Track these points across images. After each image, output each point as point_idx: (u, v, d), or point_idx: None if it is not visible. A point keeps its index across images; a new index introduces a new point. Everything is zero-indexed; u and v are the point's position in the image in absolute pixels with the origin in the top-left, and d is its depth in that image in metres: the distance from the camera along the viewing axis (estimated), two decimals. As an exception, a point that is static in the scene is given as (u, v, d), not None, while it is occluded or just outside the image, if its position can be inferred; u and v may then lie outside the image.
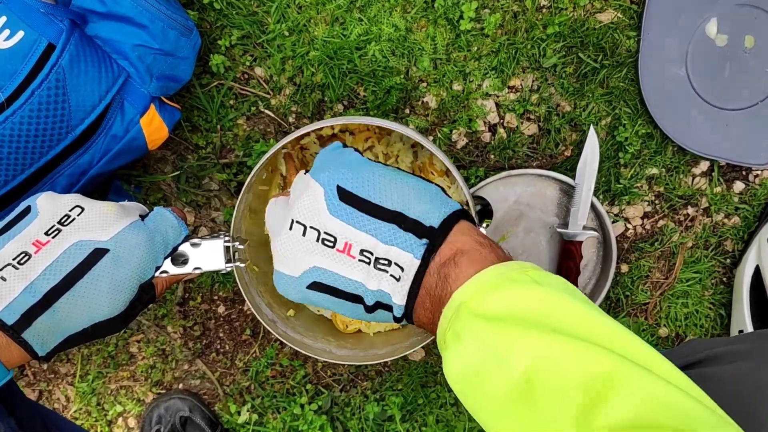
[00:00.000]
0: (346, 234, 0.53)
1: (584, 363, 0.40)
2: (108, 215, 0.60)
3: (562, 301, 0.45)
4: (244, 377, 1.12)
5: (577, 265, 1.01)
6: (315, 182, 0.55)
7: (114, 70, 0.79)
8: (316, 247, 0.53)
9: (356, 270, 0.52)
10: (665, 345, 1.10)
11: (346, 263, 0.53)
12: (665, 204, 1.06)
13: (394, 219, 0.52)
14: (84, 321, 0.58)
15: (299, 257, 0.54)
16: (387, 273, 0.52)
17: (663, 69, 0.99)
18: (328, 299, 0.55)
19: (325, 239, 0.53)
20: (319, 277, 0.54)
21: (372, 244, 0.52)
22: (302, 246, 0.54)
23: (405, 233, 0.52)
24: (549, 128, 1.03)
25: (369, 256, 0.52)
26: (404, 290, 0.52)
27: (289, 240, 0.54)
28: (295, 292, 0.56)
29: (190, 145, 1.03)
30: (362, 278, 0.52)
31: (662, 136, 1.03)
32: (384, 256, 0.52)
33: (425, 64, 0.99)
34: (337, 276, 0.53)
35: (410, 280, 0.52)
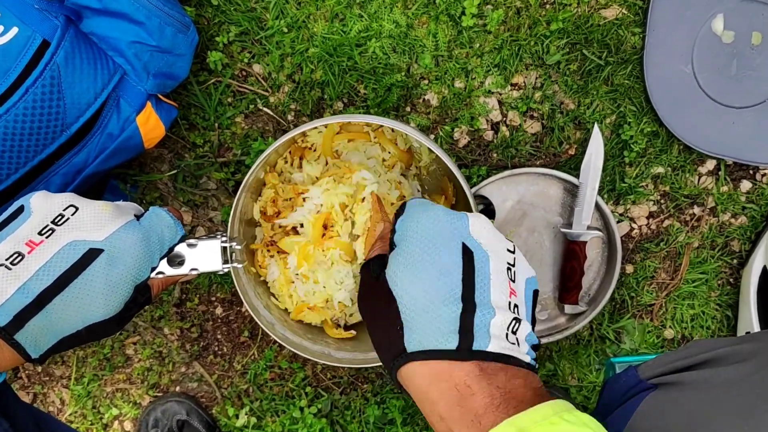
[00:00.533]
0: (520, 294, 0.53)
1: None
2: (102, 215, 0.60)
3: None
4: (242, 380, 1.12)
5: (581, 265, 1.01)
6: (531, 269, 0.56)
7: (110, 67, 0.79)
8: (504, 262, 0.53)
9: (501, 297, 0.51)
10: (671, 347, 1.10)
11: (501, 288, 0.51)
12: (671, 203, 1.06)
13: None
14: (78, 322, 0.57)
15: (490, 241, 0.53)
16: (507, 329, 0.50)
17: (669, 66, 0.99)
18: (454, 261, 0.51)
19: (511, 270, 0.53)
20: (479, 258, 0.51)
21: (523, 316, 0.52)
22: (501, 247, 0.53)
23: (531, 348, 0.52)
24: (552, 126, 1.03)
25: (517, 313, 0.51)
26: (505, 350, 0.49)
27: (500, 236, 0.54)
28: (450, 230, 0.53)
29: (187, 143, 1.03)
30: (496, 302, 0.50)
31: (668, 135, 1.03)
32: (520, 327, 0.51)
33: (427, 61, 0.99)
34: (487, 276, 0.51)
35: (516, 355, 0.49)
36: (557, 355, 1.09)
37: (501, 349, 0.48)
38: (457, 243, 0.52)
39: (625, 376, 0.62)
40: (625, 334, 1.09)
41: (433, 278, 0.50)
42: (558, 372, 1.09)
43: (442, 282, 0.50)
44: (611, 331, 1.09)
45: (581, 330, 1.08)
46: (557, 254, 1.04)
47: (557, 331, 1.05)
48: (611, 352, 1.09)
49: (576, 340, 1.09)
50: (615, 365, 1.04)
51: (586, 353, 1.09)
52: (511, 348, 0.49)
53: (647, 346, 1.09)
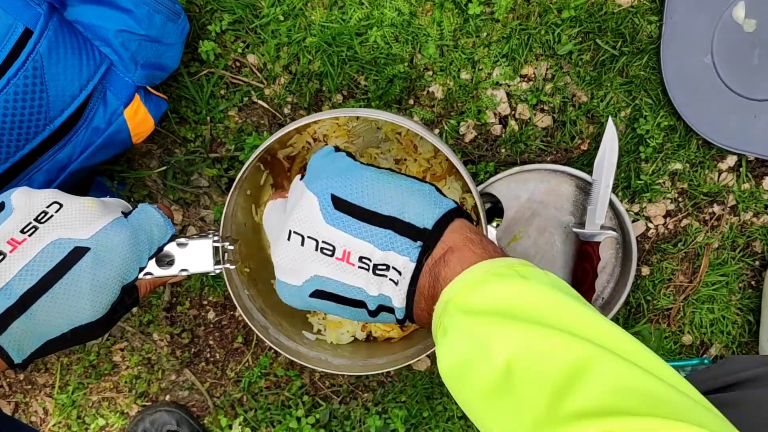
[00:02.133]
0: (344, 242, 0.56)
1: (562, 352, 0.44)
2: (88, 212, 0.60)
3: (546, 294, 0.48)
4: (235, 388, 1.12)
5: (594, 267, 1.01)
6: (309, 192, 0.58)
7: (96, 57, 0.79)
8: (316, 256, 0.57)
9: (357, 277, 0.56)
10: (689, 353, 1.10)
11: (346, 271, 0.57)
12: (689, 202, 1.06)
13: (390, 224, 0.56)
14: (63, 325, 0.57)
15: (299, 266, 0.58)
16: (386, 277, 0.56)
17: (687, 56, 0.99)
18: (331, 306, 0.59)
19: (323, 248, 0.57)
20: (321, 285, 0.58)
21: (369, 251, 0.56)
22: (301, 255, 0.58)
23: (400, 237, 0.56)
24: (564, 120, 1.03)
25: (368, 262, 0.56)
26: (402, 293, 0.56)
27: (288, 249, 0.58)
28: (298, 301, 0.60)
29: (177, 138, 1.03)
30: (363, 284, 0.56)
31: (686, 129, 1.03)
32: (382, 262, 0.56)
33: (431, 51, 0.99)
34: (338, 283, 0.57)
35: (408, 283, 0.55)
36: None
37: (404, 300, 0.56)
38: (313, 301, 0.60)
39: None
40: (640, 340, 1.09)
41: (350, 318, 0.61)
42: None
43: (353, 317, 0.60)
44: (626, 337, 1.09)
45: (594, 336, 1.08)
46: (569, 255, 1.04)
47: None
48: (626, 359, 1.09)
49: (589, 347, 1.09)
50: (630, 373, 1.04)
51: (600, 360, 1.09)
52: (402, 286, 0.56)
53: (664, 352, 1.09)
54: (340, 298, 0.58)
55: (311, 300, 0.59)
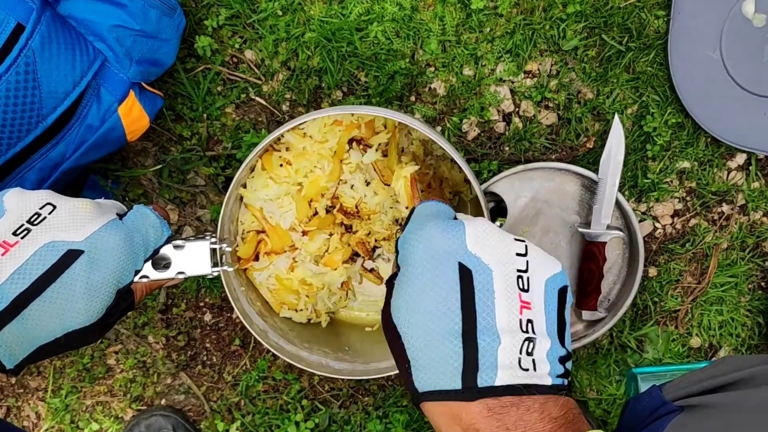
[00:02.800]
0: (537, 302, 0.51)
1: None
2: (82, 213, 0.60)
3: None
4: (233, 392, 1.12)
5: (600, 268, 1.00)
6: (558, 262, 0.54)
7: (89, 53, 0.79)
8: (512, 270, 0.51)
9: (509, 316, 0.49)
10: (697, 356, 1.10)
11: (510, 304, 0.49)
12: (697, 201, 1.06)
13: (564, 349, 0.52)
14: (56, 330, 0.57)
15: (492, 251, 0.51)
16: (519, 354, 0.48)
17: (695, 52, 0.99)
18: (450, 288, 0.50)
19: (522, 278, 0.51)
20: (479, 275, 0.50)
21: (541, 332, 0.50)
22: (507, 254, 0.52)
23: (559, 363, 0.50)
24: (569, 117, 1.03)
25: (530, 330, 0.49)
26: (517, 379, 0.48)
27: (507, 240, 0.53)
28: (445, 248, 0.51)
29: (173, 136, 1.03)
30: (502, 326, 0.49)
31: (694, 126, 1.02)
32: (536, 347, 0.49)
33: (433, 46, 0.99)
34: (491, 296, 0.50)
35: (530, 381, 0.48)
36: (574, 365, 1.09)
37: (512, 380, 0.47)
38: (452, 264, 0.50)
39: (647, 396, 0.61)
40: (647, 343, 1.09)
41: (430, 311, 0.49)
42: (575, 383, 1.09)
43: (440, 314, 0.49)
44: (633, 340, 1.09)
45: (600, 338, 1.08)
46: (574, 256, 1.04)
47: (574, 339, 1.04)
48: (633, 362, 1.09)
49: (594, 349, 1.09)
50: (637, 376, 1.04)
51: (606, 363, 1.09)
52: (525, 376, 0.47)
53: (672, 355, 1.09)
54: (469, 299, 0.49)
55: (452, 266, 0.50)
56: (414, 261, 0.51)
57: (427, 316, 0.49)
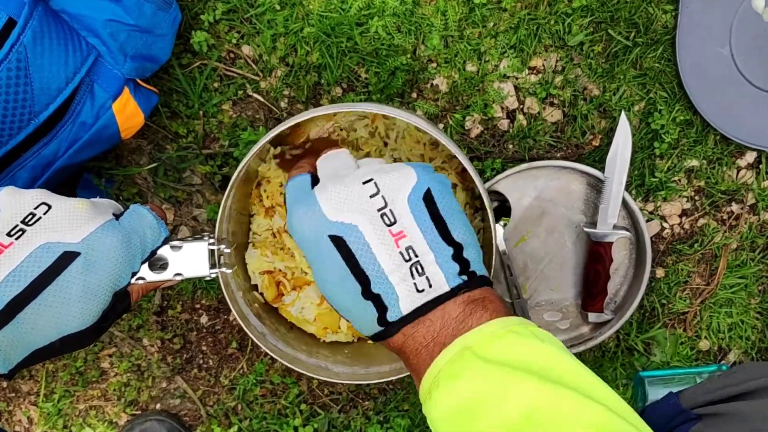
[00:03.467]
0: (408, 226, 0.57)
1: (581, 413, 0.49)
2: (78, 214, 0.60)
3: (559, 356, 0.53)
4: (230, 396, 1.12)
5: (606, 269, 1.00)
6: (412, 169, 0.60)
7: (83, 48, 0.79)
8: (373, 213, 0.57)
9: (390, 258, 0.56)
10: (706, 359, 1.10)
11: (386, 246, 0.56)
12: (706, 200, 1.06)
13: (452, 246, 0.58)
14: (52, 333, 0.57)
15: (347, 207, 0.58)
16: (412, 279, 0.56)
17: (704, 47, 0.99)
18: (334, 260, 0.57)
19: (385, 214, 0.57)
20: (350, 236, 0.57)
21: (423, 250, 0.56)
22: (360, 201, 0.58)
23: (453, 261, 0.57)
24: (575, 114, 1.03)
25: (412, 256, 0.56)
26: (417, 302, 0.56)
27: (354, 188, 0.58)
28: (312, 228, 0.58)
29: (168, 133, 1.03)
30: (389, 268, 0.56)
31: (703, 124, 1.02)
32: (423, 266, 0.56)
33: (435, 41, 0.99)
34: (367, 249, 0.56)
35: (429, 298, 0.56)
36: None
37: (414, 304, 0.55)
38: (325, 240, 0.57)
39: (665, 404, 0.63)
40: (655, 346, 1.09)
41: (334, 285, 0.58)
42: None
43: (341, 285, 0.57)
44: (640, 342, 1.09)
45: (607, 341, 1.08)
46: (580, 256, 1.04)
47: (580, 341, 1.04)
48: (640, 365, 1.09)
49: (601, 352, 1.09)
50: (644, 380, 1.05)
51: (612, 366, 1.09)
52: (423, 295, 0.55)
53: (680, 358, 1.09)
54: (353, 262, 0.57)
55: (324, 241, 0.57)
56: (302, 247, 0.59)
57: (334, 290, 0.58)
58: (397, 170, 0.60)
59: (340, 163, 0.64)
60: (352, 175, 0.59)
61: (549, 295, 1.06)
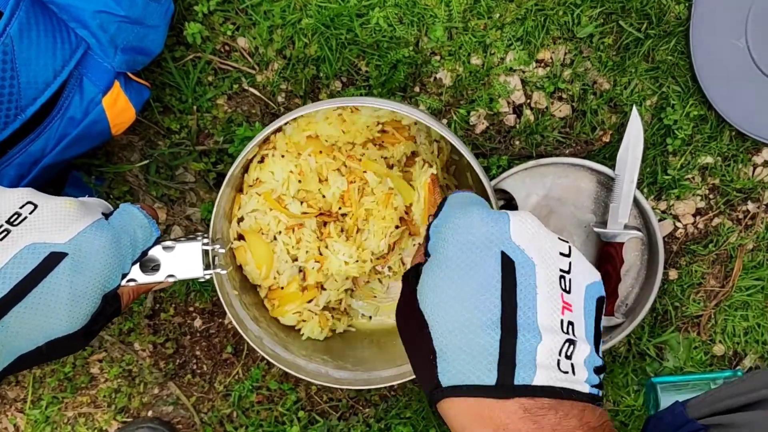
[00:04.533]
0: (577, 306, 0.51)
1: None
2: (66, 213, 0.60)
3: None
4: (224, 403, 1.12)
5: (617, 270, 1.00)
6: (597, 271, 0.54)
7: (71, 40, 0.79)
8: (555, 268, 0.51)
9: (550, 315, 0.49)
10: (721, 364, 1.10)
11: (551, 303, 0.49)
12: (721, 199, 1.06)
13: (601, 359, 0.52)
14: (38, 338, 0.57)
15: (537, 246, 0.51)
16: (559, 355, 0.48)
17: (718, 40, 0.99)
18: (489, 275, 0.49)
19: (565, 279, 0.51)
20: (522, 268, 0.49)
21: (581, 336, 0.50)
22: (551, 252, 0.51)
23: (594, 373, 0.50)
24: (584, 109, 1.02)
25: (571, 332, 0.49)
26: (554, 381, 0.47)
27: (551, 238, 0.52)
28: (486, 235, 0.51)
29: (161, 129, 1.03)
30: (544, 322, 0.48)
31: (718, 119, 1.02)
32: (575, 350, 0.49)
33: (438, 33, 0.98)
34: (533, 290, 0.49)
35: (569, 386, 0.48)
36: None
37: (551, 381, 0.46)
38: (494, 253, 0.49)
39: (670, 414, 0.61)
40: (668, 350, 1.09)
41: (466, 299, 0.49)
42: (591, 394, 1.09)
43: (477, 303, 0.48)
44: (652, 347, 1.09)
45: (617, 345, 1.08)
46: (590, 257, 1.04)
47: (589, 346, 1.04)
48: (652, 370, 1.09)
49: (611, 357, 1.09)
50: (656, 386, 1.04)
51: (623, 372, 1.09)
52: (564, 378, 0.47)
53: (694, 363, 1.09)
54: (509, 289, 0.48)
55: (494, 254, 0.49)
56: (451, 246, 0.51)
57: (461, 302, 0.49)
58: (586, 260, 0.54)
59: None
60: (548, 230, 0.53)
61: (557, 298, 1.05)
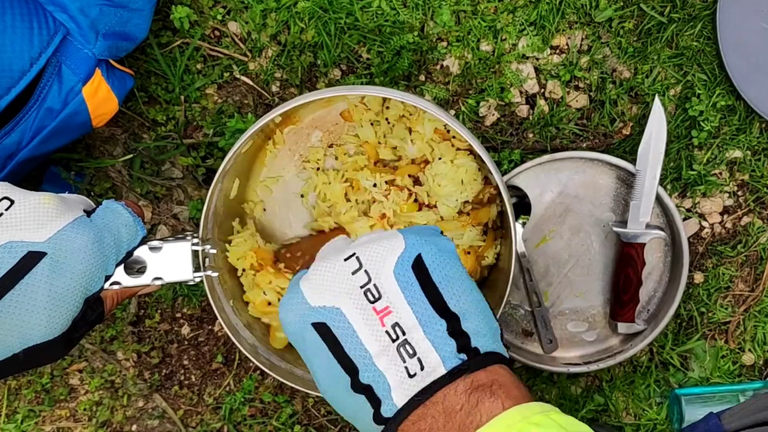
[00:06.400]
0: (394, 300, 0.56)
1: None
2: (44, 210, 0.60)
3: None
4: (214, 416, 1.12)
5: (638, 273, 1.00)
6: (401, 236, 0.59)
7: (49, 25, 0.79)
8: (355, 292, 0.56)
9: (376, 339, 0.55)
10: (750, 375, 1.10)
11: (371, 326, 0.55)
12: (751, 196, 1.06)
13: (447, 318, 0.56)
14: (14, 344, 0.57)
15: (330, 289, 0.57)
16: (403, 363, 0.54)
17: (748, 23, 0.99)
18: (321, 350, 0.57)
19: (369, 290, 0.56)
20: (333, 321, 0.56)
21: (410, 325, 0.55)
22: (342, 281, 0.57)
23: (448, 337, 0.55)
24: (603, 99, 1.02)
25: (399, 334, 0.55)
26: (411, 391, 0.53)
27: (337, 269, 0.58)
28: (296, 319, 0.58)
29: (146, 121, 1.03)
30: (375, 351, 0.55)
31: (747, 110, 1.02)
32: (413, 344, 0.54)
33: (445, 17, 0.98)
34: (351, 332, 0.55)
35: (423, 385, 0.53)
36: (609, 385, 1.09)
37: (408, 395, 0.53)
38: (309, 330, 0.56)
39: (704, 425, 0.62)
40: (693, 360, 1.09)
41: (324, 383, 0.57)
42: (610, 406, 1.09)
43: (330, 378, 0.56)
44: (676, 356, 1.08)
45: (638, 354, 1.08)
46: (609, 259, 1.04)
47: (609, 355, 1.04)
48: (676, 381, 1.09)
49: (632, 367, 1.09)
50: (681, 398, 1.04)
51: (645, 383, 1.09)
52: (417, 381, 0.53)
53: (721, 373, 1.08)
54: (338, 349, 0.56)
55: (308, 329, 0.57)
56: (292, 342, 0.59)
57: (326, 385, 0.57)
58: (384, 239, 0.59)
59: (331, 247, 0.64)
60: (334, 254, 0.59)
61: (574, 303, 1.05)
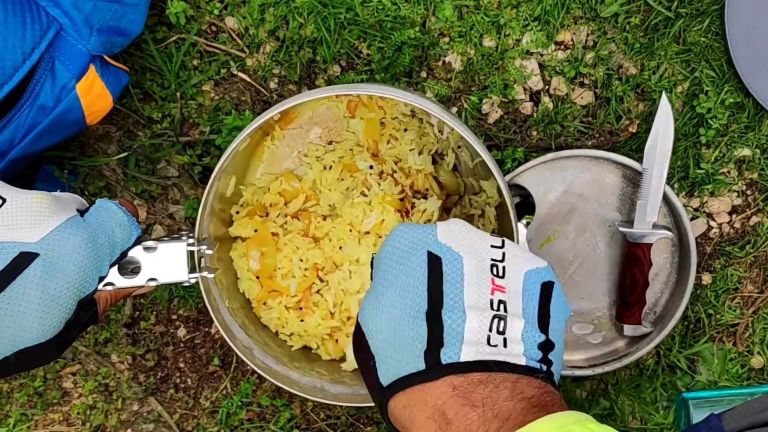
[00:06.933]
0: (512, 288, 0.56)
1: None
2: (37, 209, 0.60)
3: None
4: (211, 420, 1.12)
5: (644, 274, 1.00)
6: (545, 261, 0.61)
7: (42, 20, 0.79)
8: (485, 258, 0.57)
9: (477, 295, 0.54)
10: (760, 378, 1.10)
11: (480, 285, 0.55)
12: (760, 195, 1.06)
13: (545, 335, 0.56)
14: (6, 346, 0.57)
15: (465, 242, 0.57)
16: (489, 331, 0.53)
17: (757, 19, 0.99)
18: (416, 273, 0.55)
19: (497, 266, 0.56)
20: (449, 263, 0.55)
21: (515, 313, 0.54)
22: (480, 245, 0.58)
23: (538, 349, 0.54)
24: (608, 96, 1.02)
25: (502, 310, 0.54)
26: (483, 356, 0.51)
27: (481, 234, 0.59)
28: (412, 240, 0.57)
29: (141, 118, 1.03)
30: (471, 303, 0.54)
31: (756, 107, 1.02)
32: (508, 326, 0.53)
33: (447, 12, 0.98)
34: (459, 279, 0.55)
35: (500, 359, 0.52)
36: (614, 389, 1.09)
37: (479, 356, 0.51)
38: (421, 253, 0.56)
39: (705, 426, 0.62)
40: (700, 363, 1.09)
41: (394, 299, 0.55)
42: (615, 410, 1.09)
43: (404, 300, 0.54)
44: (683, 359, 1.08)
45: (645, 357, 1.08)
46: (614, 260, 1.04)
47: (614, 358, 1.04)
48: (683, 385, 1.09)
49: (638, 370, 1.09)
50: (688, 402, 1.04)
51: (652, 386, 1.09)
52: (494, 352, 0.51)
53: (729, 377, 1.08)
54: (436, 283, 0.54)
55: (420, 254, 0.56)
56: (384, 262, 0.57)
57: (390, 303, 0.55)
58: (529, 252, 0.60)
59: None
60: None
61: (579, 305, 1.05)
